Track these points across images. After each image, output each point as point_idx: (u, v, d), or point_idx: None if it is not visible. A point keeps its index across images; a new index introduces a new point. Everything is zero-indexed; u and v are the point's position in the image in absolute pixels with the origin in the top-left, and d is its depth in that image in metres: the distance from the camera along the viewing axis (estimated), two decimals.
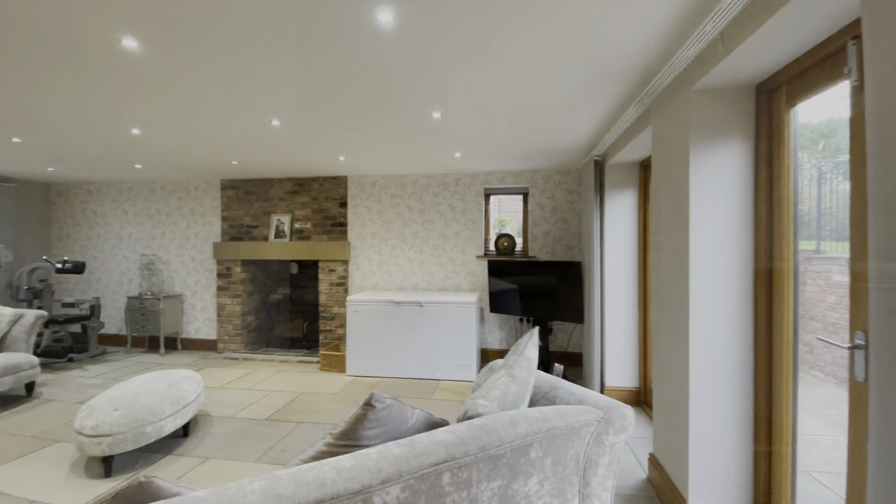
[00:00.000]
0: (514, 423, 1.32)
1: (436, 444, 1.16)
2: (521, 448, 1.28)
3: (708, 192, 1.91)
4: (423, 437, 1.19)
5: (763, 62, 1.64)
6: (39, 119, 2.90)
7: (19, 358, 3.54)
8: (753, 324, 1.88)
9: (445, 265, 4.80)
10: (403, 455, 1.10)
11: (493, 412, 1.41)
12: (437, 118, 2.86)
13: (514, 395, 1.50)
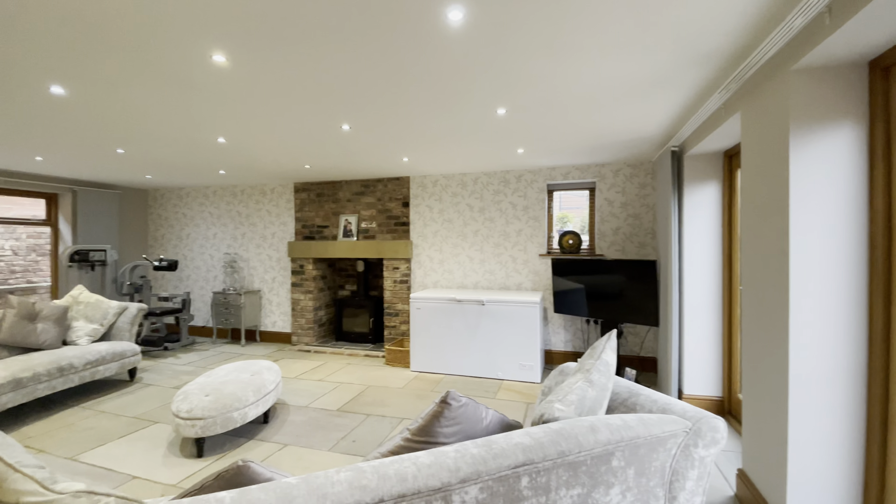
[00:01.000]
0: (594, 430, 1.26)
1: (513, 446, 1.14)
2: (603, 456, 1.22)
3: (810, 183, 1.71)
4: (500, 438, 1.17)
5: (878, 35, 1.43)
6: (139, 132, 3.24)
7: (124, 346, 3.99)
8: (868, 329, 1.66)
9: (506, 263, 4.74)
10: (481, 455, 1.09)
11: (570, 417, 1.36)
12: (501, 114, 2.82)
13: (591, 400, 1.43)
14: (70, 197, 5.45)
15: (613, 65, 2.09)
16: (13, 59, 2.00)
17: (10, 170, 4.71)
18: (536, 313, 3.97)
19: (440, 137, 3.39)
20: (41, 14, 1.63)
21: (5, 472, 0.81)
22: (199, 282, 6.21)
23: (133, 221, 6.33)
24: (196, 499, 0.83)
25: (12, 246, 5.14)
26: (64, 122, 2.97)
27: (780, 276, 1.81)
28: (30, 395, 3.14)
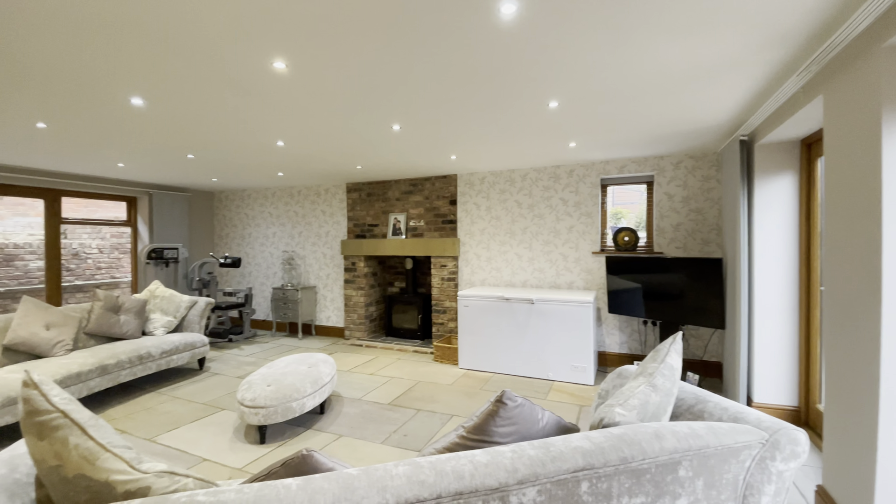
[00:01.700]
0: (659, 437, 1.19)
1: (572, 449, 1.10)
2: (668, 465, 1.16)
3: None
4: (558, 441, 1.14)
5: None
6: (207, 137, 3.46)
7: (194, 337, 4.29)
8: None
9: (557, 261, 4.62)
10: (539, 457, 1.06)
11: (631, 422, 1.30)
12: (553, 108, 2.75)
13: (655, 406, 1.36)
14: (147, 199, 5.95)
15: (677, 49, 1.97)
16: (99, 74, 2.19)
17: (96, 175, 5.21)
18: (589, 313, 3.84)
19: (488, 134, 3.36)
20: (123, 31, 1.77)
21: (97, 452, 0.89)
22: (259, 278, 6.57)
23: (201, 221, 6.81)
24: (265, 484, 0.87)
25: (98, 245, 5.69)
26: (142, 130, 3.23)
27: (870, 276, 1.63)
28: (114, 380, 3.46)
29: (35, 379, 0.90)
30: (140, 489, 0.86)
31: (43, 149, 3.78)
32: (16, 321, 3.38)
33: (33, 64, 2.07)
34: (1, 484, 1.00)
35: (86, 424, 0.89)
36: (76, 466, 0.86)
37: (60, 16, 1.65)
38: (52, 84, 2.32)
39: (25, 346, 3.34)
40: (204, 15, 1.65)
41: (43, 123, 3.03)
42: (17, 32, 1.77)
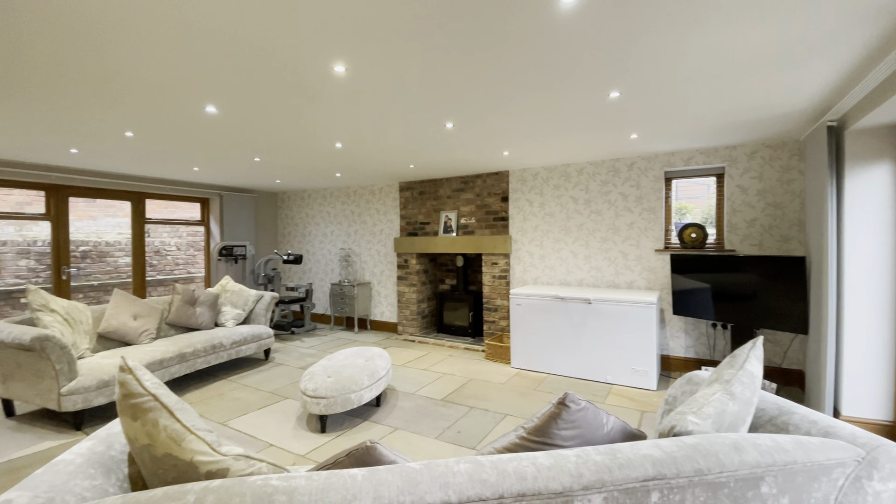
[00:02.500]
0: (738, 449, 1.10)
1: (641, 457, 1.04)
2: (749, 480, 1.07)
3: None
4: (626, 447, 1.08)
5: None
6: (272, 141, 3.65)
7: (260, 329, 4.56)
8: None
9: (616, 260, 4.42)
10: (605, 463, 1.02)
11: (706, 432, 1.21)
12: (613, 98, 2.63)
13: (732, 415, 1.26)
14: (218, 200, 6.41)
15: (755, 30, 1.81)
16: (179, 85, 2.38)
17: (174, 179, 5.68)
18: (652, 314, 3.65)
19: (543, 128, 3.28)
20: (200, 44, 1.90)
21: (183, 433, 0.96)
22: (319, 274, 6.87)
23: (266, 221, 7.23)
24: (332, 472, 0.90)
25: (176, 242, 6.20)
26: (215, 136, 3.47)
27: None
28: (191, 367, 3.76)
29: (130, 365, 0.99)
30: (220, 470, 0.91)
31: (130, 155, 4.18)
32: (108, 312, 3.76)
33: (123, 79, 2.28)
34: (99, 460, 1.11)
35: (173, 408, 0.96)
36: (164, 446, 0.93)
37: (146, 33, 1.80)
38: (138, 96, 2.54)
39: (116, 334, 3.71)
40: (272, 24, 1.74)
41: (131, 132, 3.34)
42: (110, 52, 1.95)
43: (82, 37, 1.83)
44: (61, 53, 1.98)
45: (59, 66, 2.11)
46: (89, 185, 5.12)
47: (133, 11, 1.63)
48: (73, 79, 2.28)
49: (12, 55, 1.99)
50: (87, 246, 5.23)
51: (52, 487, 0.94)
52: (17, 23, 1.71)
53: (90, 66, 2.11)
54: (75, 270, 5.09)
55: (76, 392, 2.87)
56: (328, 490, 0.86)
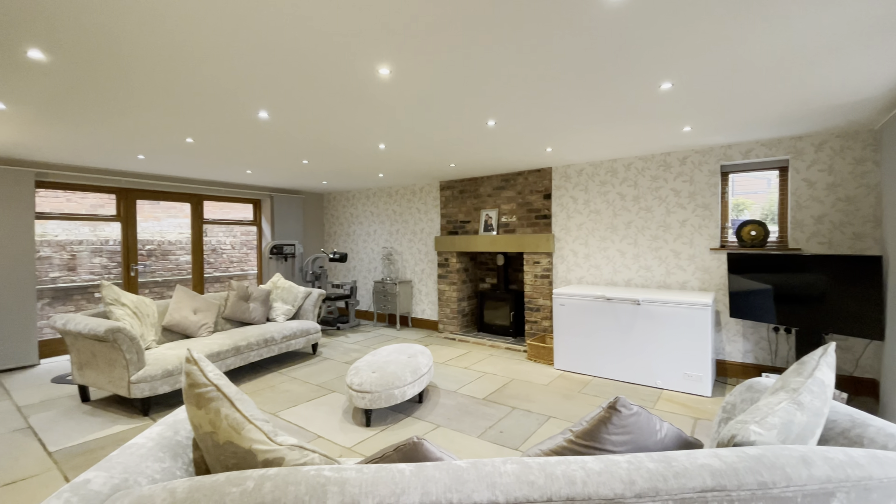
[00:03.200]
0: (806, 462, 1.02)
1: (699, 467, 0.99)
2: (819, 496, 0.99)
3: None
4: (681, 455, 1.03)
5: None
6: (319, 144, 3.78)
7: (309, 325, 4.73)
8: None
9: (667, 259, 4.23)
10: (659, 471, 0.97)
11: (770, 443, 1.13)
12: (665, 90, 2.51)
13: (800, 426, 1.17)
14: (269, 202, 6.71)
15: (824, 11, 1.66)
16: (234, 93, 2.51)
17: (229, 182, 6.00)
18: (707, 317, 3.45)
19: (589, 123, 3.18)
20: (255, 54, 2.00)
21: (242, 423, 1.01)
22: (363, 272, 7.05)
23: (313, 220, 7.50)
24: (382, 466, 0.91)
25: (231, 241, 6.56)
26: (267, 140, 3.64)
27: None
28: (245, 359, 3.96)
29: (195, 356, 1.05)
30: (276, 459, 0.96)
31: (190, 160, 4.46)
32: (171, 306, 4.04)
33: (185, 90, 2.43)
34: (167, 444, 1.19)
35: (234, 398, 1.02)
36: (226, 434, 0.99)
37: (209, 48, 1.91)
38: (198, 105, 2.71)
39: (178, 327, 3.98)
40: (321, 32, 1.79)
41: (191, 139, 3.56)
42: (175, 66, 2.09)
43: (153, 54, 1.97)
44: (133, 71, 2.14)
45: (131, 81, 2.29)
46: (154, 189, 5.51)
47: (198, 30, 1.74)
48: (142, 92, 2.46)
49: (94, 76, 2.17)
50: (152, 245, 5.64)
51: (126, 469, 1.02)
52: (104, 48, 1.87)
53: (158, 79, 2.27)
54: (142, 267, 5.50)
55: (144, 380, 3.10)
56: (377, 483, 0.87)
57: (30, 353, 4.41)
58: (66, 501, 0.87)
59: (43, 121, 3.02)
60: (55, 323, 3.30)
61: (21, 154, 4.11)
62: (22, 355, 4.36)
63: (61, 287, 4.88)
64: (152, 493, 0.87)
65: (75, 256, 4.98)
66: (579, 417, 3.08)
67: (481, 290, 6.00)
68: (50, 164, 4.60)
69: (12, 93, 2.47)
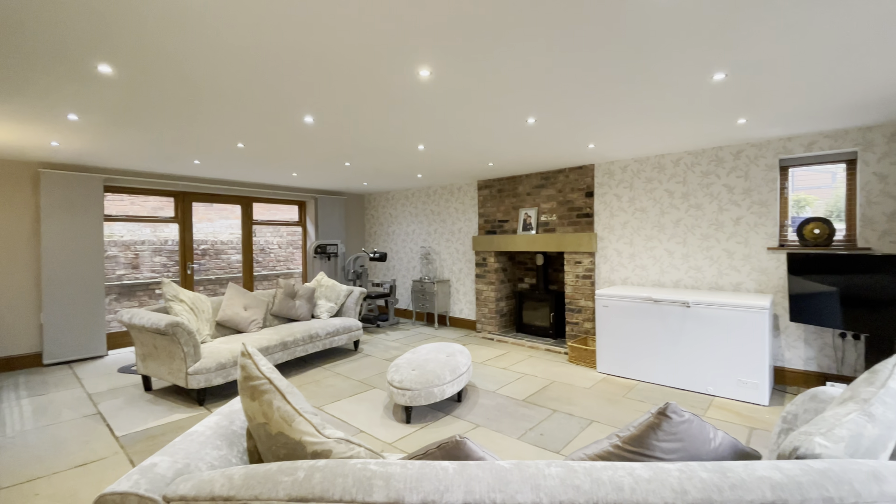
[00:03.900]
0: (877, 478, 0.95)
1: (757, 479, 0.94)
2: None
3: None
4: (738, 466, 0.98)
5: None
6: (360, 146, 3.87)
7: (350, 322, 4.86)
8: None
9: (719, 259, 4.01)
10: (713, 482, 0.93)
11: (836, 456, 1.05)
12: (718, 80, 2.38)
13: (870, 440, 1.08)
14: (313, 203, 6.95)
15: None
16: (282, 99, 2.61)
17: (276, 184, 6.26)
18: (764, 320, 3.25)
19: (635, 117, 3.07)
20: (301, 61, 2.07)
21: (293, 415, 1.05)
22: (402, 271, 7.15)
23: (354, 221, 7.70)
24: (425, 463, 0.93)
25: (277, 241, 6.83)
26: (312, 144, 3.77)
27: None
28: (291, 354, 4.12)
29: (250, 350, 1.11)
30: (324, 451, 0.99)
31: (241, 164, 4.69)
32: (224, 303, 4.26)
33: (237, 97, 2.56)
34: (223, 433, 1.26)
35: (285, 391, 1.06)
36: (277, 425, 1.04)
37: (260, 56, 2.00)
38: (249, 111, 2.84)
39: (230, 323, 4.19)
40: (364, 36, 1.84)
41: (242, 144, 3.75)
42: (229, 74, 2.21)
43: (209, 66, 2.09)
44: (191, 82, 2.28)
45: (189, 91, 2.44)
46: (208, 192, 5.84)
47: (252, 41, 1.83)
48: (199, 101, 2.61)
49: (156, 88, 2.33)
50: (206, 245, 5.98)
51: (188, 454, 1.09)
52: (165, 62, 2.00)
53: (213, 89, 2.41)
54: (197, 266, 5.85)
55: (200, 372, 3.30)
56: (422, 479, 0.89)
57: (99, 344, 4.80)
58: (136, 483, 0.94)
59: (111, 130, 3.28)
60: (121, 317, 3.57)
61: (91, 161, 4.48)
62: (92, 346, 4.75)
63: (126, 284, 5.27)
64: (212, 478, 0.92)
65: (138, 255, 5.36)
66: (624, 423, 2.98)
67: (520, 290, 5.93)
68: (116, 170, 4.98)
69: (84, 104, 2.69)
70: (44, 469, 2.45)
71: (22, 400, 3.51)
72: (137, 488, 0.91)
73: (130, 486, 0.92)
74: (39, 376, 4.14)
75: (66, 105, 2.69)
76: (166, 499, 0.90)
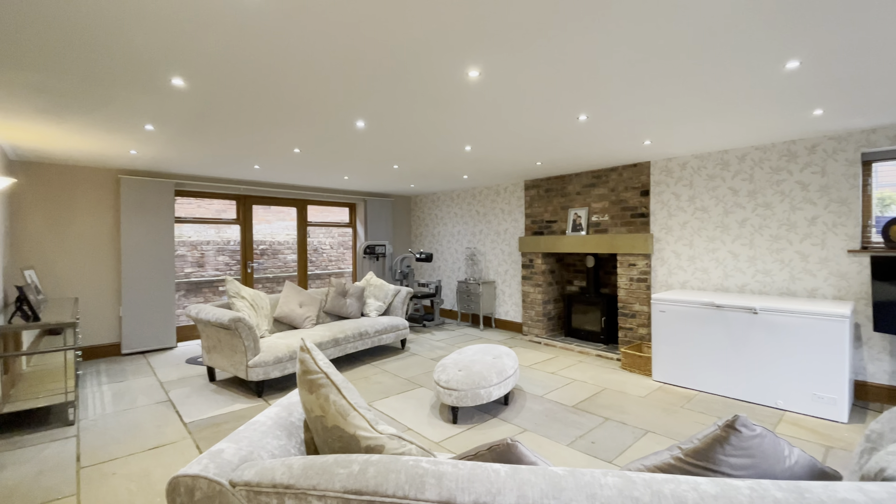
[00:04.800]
0: None
1: (839, 501, 0.85)
2: None
3: None
4: (816, 487, 0.89)
5: None
6: (408, 149, 3.93)
7: (398, 321, 4.94)
8: None
9: (791, 262, 3.70)
10: (789, 502, 0.85)
11: None
12: (791, 69, 2.20)
13: None
14: (363, 205, 7.15)
15: None
16: (336, 105, 2.70)
17: (328, 187, 6.50)
18: (844, 330, 2.96)
19: (697, 111, 2.91)
20: (354, 66, 2.14)
21: (348, 409, 1.08)
22: (447, 272, 7.19)
23: (401, 222, 7.84)
24: (477, 464, 0.92)
25: (329, 242, 7.09)
26: (362, 148, 3.87)
27: None
28: (342, 351, 4.25)
29: (308, 346, 1.15)
30: (377, 446, 1.01)
31: (296, 168, 4.91)
32: (281, 300, 4.48)
33: (294, 105, 2.68)
34: (283, 424, 1.32)
35: (340, 385, 1.09)
36: (333, 419, 1.07)
37: (314, 64, 2.09)
38: (305, 118, 2.97)
39: (286, 319, 4.40)
40: (414, 38, 1.87)
41: (298, 149, 3.92)
42: (285, 83, 2.32)
43: (272, 77, 2.20)
44: (255, 92, 2.42)
45: (252, 101, 2.59)
46: (266, 195, 6.17)
47: (311, 50, 1.91)
48: (261, 110, 2.76)
49: (223, 98, 2.50)
50: (264, 245, 6.31)
51: (251, 443, 1.15)
52: (232, 74, 2.14)
53: (274, 98, 2.54)
54: (256, 265, 6.19)
55: (259, 365, 3.48)
56: (473, 480, 0.88)
57: (169, 336, 5.20)
58: (205, 466, 1.01)
59: (181, 138, 3.54)
60: (190, 312, 3.84)
61: (164, 167, 4.86)
62: (164, 338, 5.15)
63: (193, 281, 5.67)
64: (273, 466, 0.96)
65: (204, 255, 5.76)
66: (682, 434, 2.82)
67: (569, 292, 5.78)
68: (185, 176, 5.37)
69: (159, 115, 2.92)
70: (121, 450, 2.68)
71: (103, 386, 3.87)
72: (207, 472, 0.97)
73: (200, 469, 0.98)
74: (118, 365, 4.54)
75: (143, 116, 2.93)
76: (232, 483, 0.96)
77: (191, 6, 1.61)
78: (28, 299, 3.05)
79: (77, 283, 4.70)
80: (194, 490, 0.96)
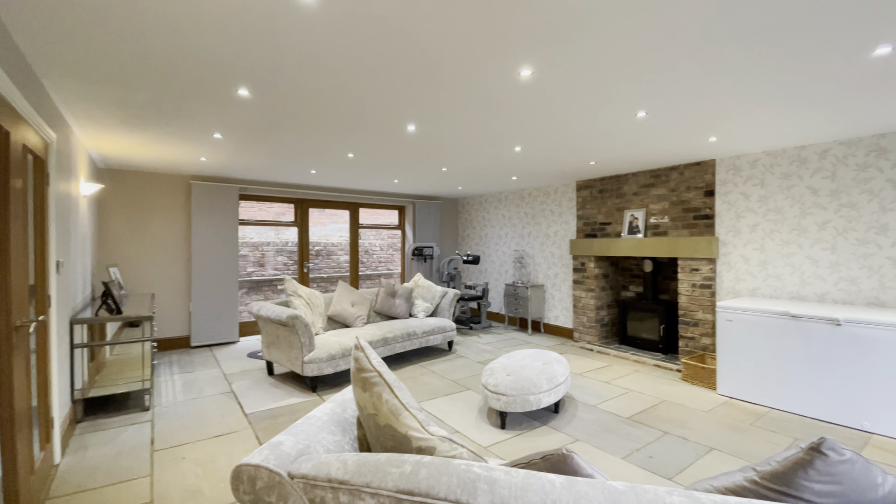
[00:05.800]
0: None
1: None
2: None
3: None
4: None
5: None
6: (457, 151, 3.93)
7: (445, 322, 4.96)
8: None
9: (881, 269, 3.32)
10: None
11: None
12: (882, 54, 1.97)
13: None
14: (412, 208, 7.25)
15: None
16: (387, 109, 2.76)
17: (379, 191, 6.66)
18: None
19: (770, 104, 2.69)
20: (404, 71, 2.17)
21: (400, 409, 1.09)
22: (494, 274, 7.13)
23: (448, 224, 7.88)
24: (531, 473, 0.89)
25: (379, 244, 7.25)
26: (412, 151, 3.93)
27: None
28: (391, 350, 4.33)
29: (362, 344, 1.17)
30: (428, 447, 1.01)
31: (350, 172, 5.07)
32: (334, 299, 4.63)
33: (349, 112, 2.77)
34: (337, 420, 1.35)
35: (393, 385, 1.10)
36: (385, 417, 1.08)
37: (366, 72, 2.14)
38: (359, 123, 3.06)
39: (339, 317, 4.54)
40: (465, 39, 1.86)
41: (351, 154, 4.05)
42: (341, 92, 2.39)
43: (329, 85, 2.29)
44: (313, 101, 2.52)
45: (311, 109, 2.70)
46: (321, 199, 6.43)
47: (361, 57, 1.97)
48: (319, 117, 2.88)
49: (284, 108, 2.63)
50: (319, 246, 6.57)
51: (308, 437, 1.18)
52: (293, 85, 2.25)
53: (331, 106, 2.64)
54: (312, 265, 6.45)
55: (313, 361, 3.62)
56: (527, 489, 0.85)
57: (233, 331, 5.53)
58: (266, 457, 1.05)
59: (246, 145, 3.77)
60: (251, 309, 4.06)
61: (229, 173, 5.20)
62: (227, 333, 5.49)
63: (255, 280, 6.01)
64: (329, 461, 0.99)
65: (264, 255, 6.08)
66: (751, 454, 2.61)
67: (624, 298, 5.53)
68: (248, 181, 5.71)
69: (226, 124, 3.12)
70: (189, 436, 2.88)
71: (174, 375, 4.18)
72: (268, 463, 1.01)
73: (262, 459, 1.02)
74: (188, 356, 4.89)
75: (212, 126, 3.15)
76: (291, 475, 0.99)
77: (253, 19, 1.70)
78: (112, 294, 3.36)
79: (153, 279, 5.13)
80: (256, 479, 1.00)
